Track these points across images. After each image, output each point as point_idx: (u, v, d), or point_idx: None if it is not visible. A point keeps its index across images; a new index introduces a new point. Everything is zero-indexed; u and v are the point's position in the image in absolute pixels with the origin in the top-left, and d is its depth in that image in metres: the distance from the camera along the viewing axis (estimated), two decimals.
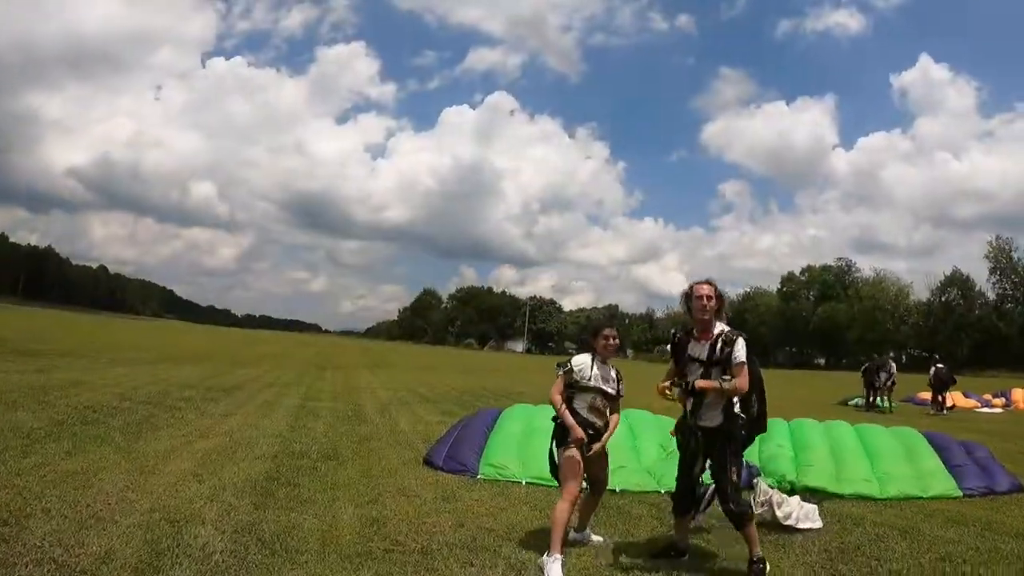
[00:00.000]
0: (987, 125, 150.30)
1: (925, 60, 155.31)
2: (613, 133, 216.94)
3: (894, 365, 17.31)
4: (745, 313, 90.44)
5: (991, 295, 61.35)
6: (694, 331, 3.92)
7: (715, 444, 3.80)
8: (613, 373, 4.10)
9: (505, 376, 24.54)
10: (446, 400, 13.54)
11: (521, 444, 6.15)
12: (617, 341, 4.04)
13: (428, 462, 6.22)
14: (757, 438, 7.64)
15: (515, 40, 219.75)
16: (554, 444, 4.07)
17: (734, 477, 3.80)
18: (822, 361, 75.54)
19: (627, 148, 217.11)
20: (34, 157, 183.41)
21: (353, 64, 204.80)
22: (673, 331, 4.07)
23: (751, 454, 6.76)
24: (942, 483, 6.09)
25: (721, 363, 3.77)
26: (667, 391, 3.93)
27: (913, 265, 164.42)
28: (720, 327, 3.83)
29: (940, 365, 16.86)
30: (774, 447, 6.75)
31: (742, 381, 3.74)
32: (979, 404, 19.00)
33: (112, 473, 5.10)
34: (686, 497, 4.00)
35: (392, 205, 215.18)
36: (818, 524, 4.79)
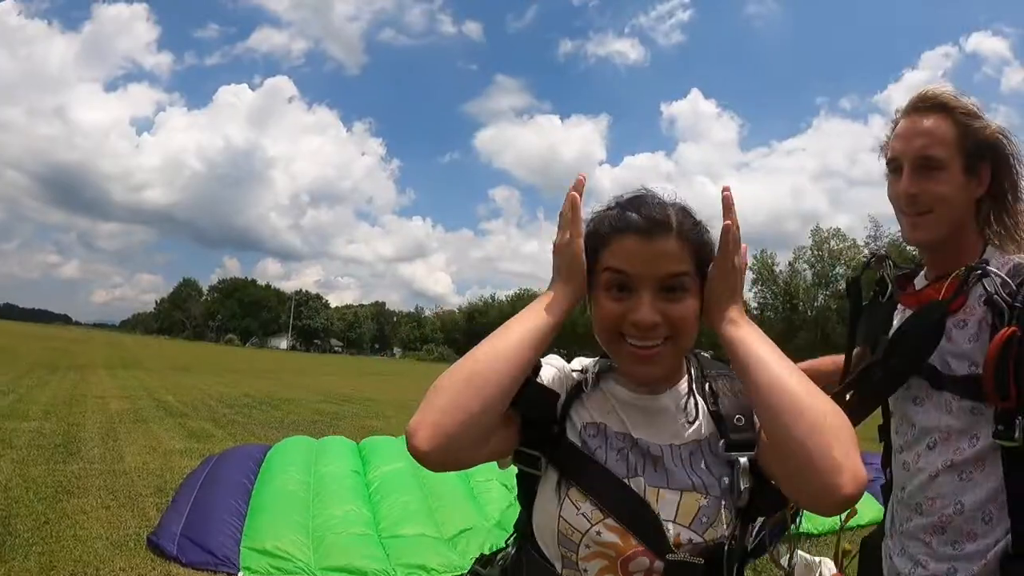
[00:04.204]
0: (744, 157, 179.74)
1: (695, 94, 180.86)
2: (390, 130, 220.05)
3: None
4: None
5: (753, 304, 69.86)
6: (922, 270, 1.45)
7: None
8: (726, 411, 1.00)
9: (273, 378, 21.42)
10: (198, 413, 10.57)
11: (307, 508, 4.07)
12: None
13: (155, 545, 3.88)
14: None
15: (301, 23, 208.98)
16: None
17: None
18: None
19: (403, 146, 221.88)
20: None
21: (132, 27, 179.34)
22: (867, 259, 1.54)
23: None
24: None
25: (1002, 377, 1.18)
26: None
27: None
28: (1005, 261, 1.29)
29: None
30: None
31: None
32: None
33: None
34: None
35: (154, 185, 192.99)
36: None
